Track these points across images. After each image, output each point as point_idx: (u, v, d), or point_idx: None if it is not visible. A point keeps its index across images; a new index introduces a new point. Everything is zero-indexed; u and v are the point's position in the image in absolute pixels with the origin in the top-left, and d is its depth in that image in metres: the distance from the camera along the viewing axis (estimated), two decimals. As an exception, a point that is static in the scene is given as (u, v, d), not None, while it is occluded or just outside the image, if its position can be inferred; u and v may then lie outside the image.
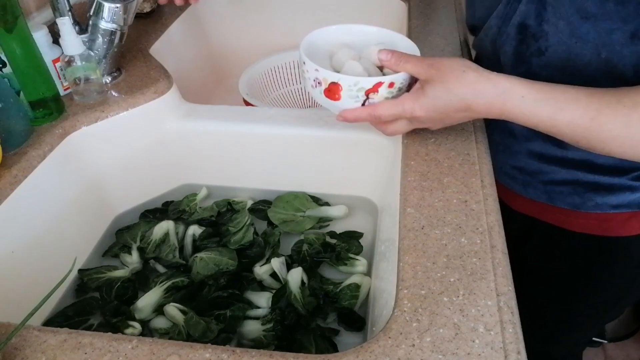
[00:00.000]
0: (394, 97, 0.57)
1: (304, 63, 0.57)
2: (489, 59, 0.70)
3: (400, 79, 0.56)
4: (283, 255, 0.70)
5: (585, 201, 0.67)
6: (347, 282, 0.65)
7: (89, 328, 0.63)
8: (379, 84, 0.55)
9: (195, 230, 0.75)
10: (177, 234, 0.75)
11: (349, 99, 0.56)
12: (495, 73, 0.52)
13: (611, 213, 0.67)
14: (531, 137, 0.66)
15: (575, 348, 0.97)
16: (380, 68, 0.60)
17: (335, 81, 0.55)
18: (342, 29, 0.64)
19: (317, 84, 0.57)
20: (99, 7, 0.73)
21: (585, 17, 0.53)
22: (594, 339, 1.44)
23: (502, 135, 0.69)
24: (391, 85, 0.56)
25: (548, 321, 0.85)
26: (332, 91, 0.56)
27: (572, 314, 0.82)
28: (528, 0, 0.59)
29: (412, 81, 0.57)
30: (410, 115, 0.55)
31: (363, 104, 0.57)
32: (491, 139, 0.69)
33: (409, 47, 0.61)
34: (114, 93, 0.76)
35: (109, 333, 0.46)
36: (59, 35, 0.69)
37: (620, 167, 0.62)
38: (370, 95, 0.56)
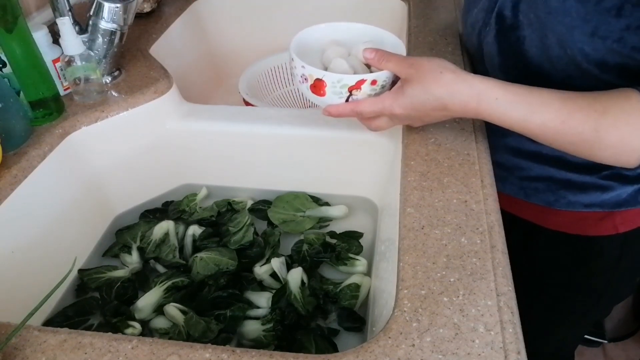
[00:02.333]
0: (377, 94, 0.59)
1: (292, 59, 0.60)
2: (474, 53, 0.72)
3: (383, 77, 0.57)
4: (283, 255, 0.70)
5: (558, 198, 0.69)
6: (347, 282, 0.65)
7: (89, 328, 0.63)
8: (362, 82, 0.57)
9: (195, 230, 0.75)
10: (177, 234, 0.75)
11: (333, 95, 0.58)
12: (472, 74, 0.54)
13: (584, 212, 0.68)
14: (507, 132, 0.69)
15: (564, 346, 0.97)
16: (368, 66, 0.61)
17: (320, 78, 0.57)
18: (333, 26, 0.66)
19: (304, 79, 0.59)
20: (99, 7, 0.73)
21: (549, 11, 0.54)
22: (593, 338, 1.44)
23: None
24: (374, 82, 0.57)
25: (532, 318, 0.85)
26: (317, 87, 0.58)
27: (554, 311, 0.83)
28: None
29: (396, 79, 0.59)
30: (389, 113, 0.57)
31: (347, 100, 0.59)
32: None
33: (396, 44, 0.62)
34: (114, 93, 0.76)
35: (109, 333, 0.46)
36: (59, 35, 0.69)
37: (592, 166, 0.63)
38: (354, 92, 0.58)
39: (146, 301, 0.64)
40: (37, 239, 0.65)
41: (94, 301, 0.67)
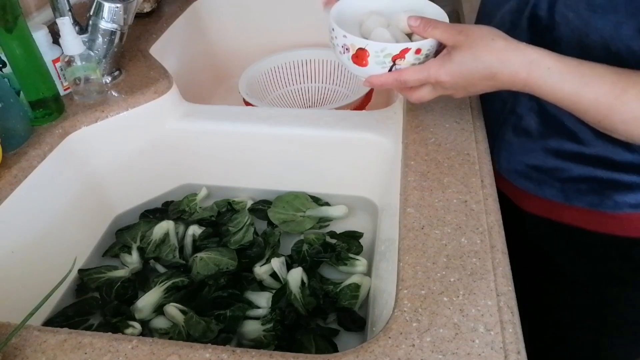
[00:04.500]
0: (420, 64, 0.57)
1: (333, 29, 0.58)
2: None
3: (427, 45, 0.55)
4: (283, 255, 0.70)
5: (603, 200, 0.64)
6: (347, 282, 0.65)
7: (89, 328, 0.63)
8: (406, 50, 0.55)
9: (195, 230, 0.75)
10: (177, 234, 0.75)
11: (376, 65, 0.56)
12: (524, 43, 0.52)
13: (631, 213, 0.64)
14: (547, 134, 0.65)
15: None
16: (409, 36, 0.60)
17: (363, 47, 0.55)
18: None
19: (345, 50, 0.57)
20: (99, 7, 0.73)
21: (594, 9, 0.53)
22: None
23: (516, 134, 0.68)
24: (418, 51, 0.55)
25: (568, 339, 0.77)
26: (360, 57, 0.56)
27: (597, 330, 0.74)
28: None
29: (440, 48, 0.57)
30: (435, 81, 0.55)
31: (390, 70, 0.57)
32: (504, 139, 0.68)
33: (438, 13, 0.61)
34: (114, 93, 0.76)
35: (109, 333, 0.46)
36: (59, 35, 0.69)
37: (638, 164, 0.61)
38: (397, 62, 0.56)
39: (146, 301, 0.64)
40: (37, 239, 0.65)
41: (94, 301, 0.67)
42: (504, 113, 0.68)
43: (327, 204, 0.79)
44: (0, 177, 0.61)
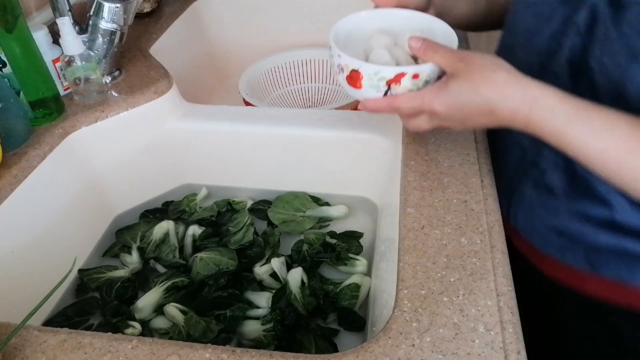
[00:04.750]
0: (419, 90, 0.52)
1: (330, 47, 0.55)
2: None
3: (426, 70, 0.51)
4: (283, 255, 0.70)
5: (635, 273, 0.57)
6: (347, 282, 0.65)
7: (89, 328, 0.63)
8: (401, 75, 0.51)
9: (195, 230, 0.75)
10: (177, 234, 0.75)
11: (370, 88, 0.53)
12: (529, 78, 0.47)
13: None
14: (574, 195, 0.57)
15: None
16: (415, 58, 0.56)
17: (356, 69, 0.52)
18: (380, 13, 0.61)
19: (340, 70, 0.54)
20: (99, 7, 0.73)
21: (634, 56, 0.46)
22: None
23: (537, 190, 0.60)
24: (415, 76, 0.51)
25: None
26: (354, 79, 0.53)
27: None
28: (576, 33, 0.51)
29: (442, 74, 0.52)
30: (429, 109, 0.51)
31: (385, 94, 0.53)
32: (523, 194, 0.61)
33: (448, 35, 0.56)
34: (114, 93, 0.76)
35: (109, 333, 0.46)
36: (59, 35, 0.69)
37: None
38: (393, 86, 0.52)
39: (146, 301, 0.64)
40: (37, 239, 0.65)
41: (94, 301, 0.67)
42: (523, 164, 0.61)
43: (327, 204, 0.79)
44: (0, 177, 0.61)
